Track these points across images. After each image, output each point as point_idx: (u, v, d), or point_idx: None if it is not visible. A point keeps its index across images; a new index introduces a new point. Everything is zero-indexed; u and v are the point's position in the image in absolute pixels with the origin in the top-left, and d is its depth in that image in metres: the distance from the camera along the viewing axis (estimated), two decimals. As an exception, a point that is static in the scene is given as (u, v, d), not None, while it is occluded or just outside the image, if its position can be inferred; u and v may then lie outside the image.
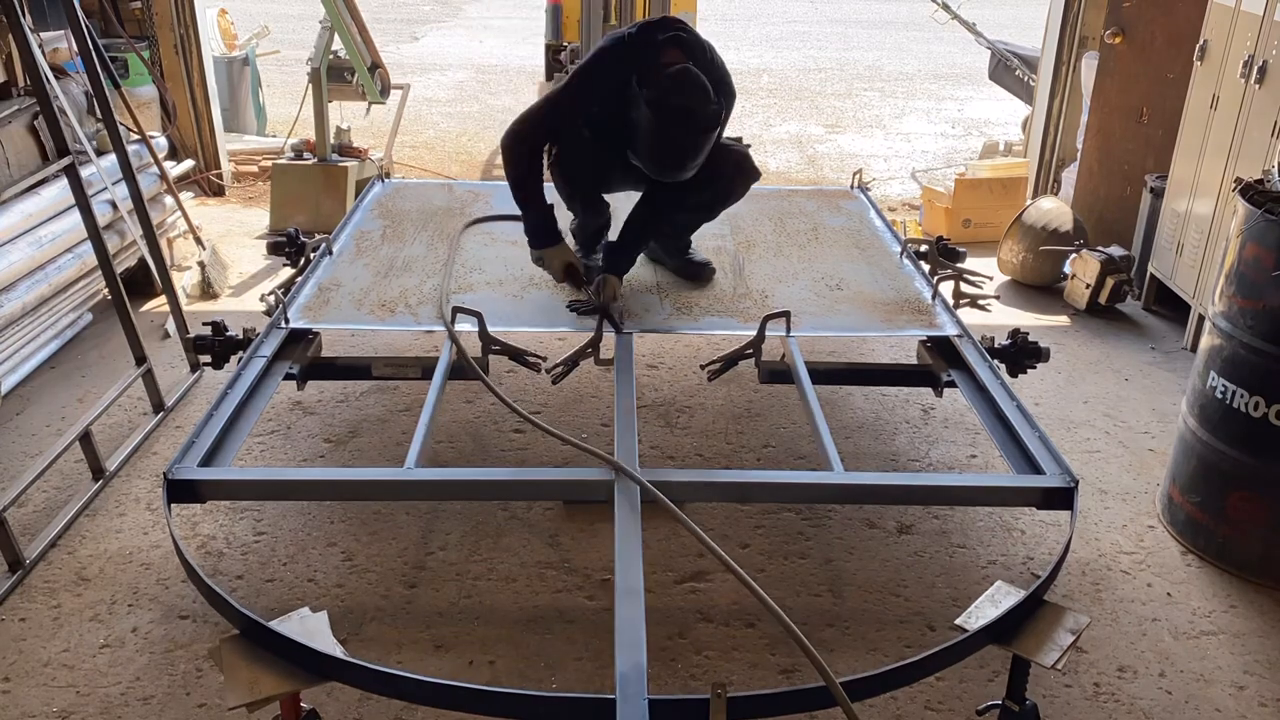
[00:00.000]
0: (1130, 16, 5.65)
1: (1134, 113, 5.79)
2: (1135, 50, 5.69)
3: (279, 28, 10.91)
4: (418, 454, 2.67)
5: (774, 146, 8.98)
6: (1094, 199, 5.93)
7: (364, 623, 2.89)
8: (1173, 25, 5.51)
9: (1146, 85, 5.70)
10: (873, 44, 15.06)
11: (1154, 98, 5.67)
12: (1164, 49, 5.57)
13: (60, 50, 4.86)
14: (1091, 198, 5.93)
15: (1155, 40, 5.62)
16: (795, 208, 4.42)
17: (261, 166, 7.13)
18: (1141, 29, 5.65)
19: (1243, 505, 3.17)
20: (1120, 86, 5.77)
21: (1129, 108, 5.79)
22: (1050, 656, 2.10)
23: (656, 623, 2.80)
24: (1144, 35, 5.65)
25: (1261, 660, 2.86)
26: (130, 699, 2.61)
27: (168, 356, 4.49)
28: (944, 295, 3.61)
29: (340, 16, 5.66)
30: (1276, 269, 2.97)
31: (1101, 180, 5.94)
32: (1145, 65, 5.68)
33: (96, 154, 4.58)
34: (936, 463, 3.83)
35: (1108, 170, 5.91)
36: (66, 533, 3.25)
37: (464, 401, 4.12)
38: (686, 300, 3.47)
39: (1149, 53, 5.65)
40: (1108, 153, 5.89)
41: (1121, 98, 5.78)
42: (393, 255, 3.77)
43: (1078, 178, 6.03)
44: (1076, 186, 6.02)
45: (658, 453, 3.81)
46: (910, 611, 3.01)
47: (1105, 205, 5.91)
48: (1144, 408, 4.30)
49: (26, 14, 3.76)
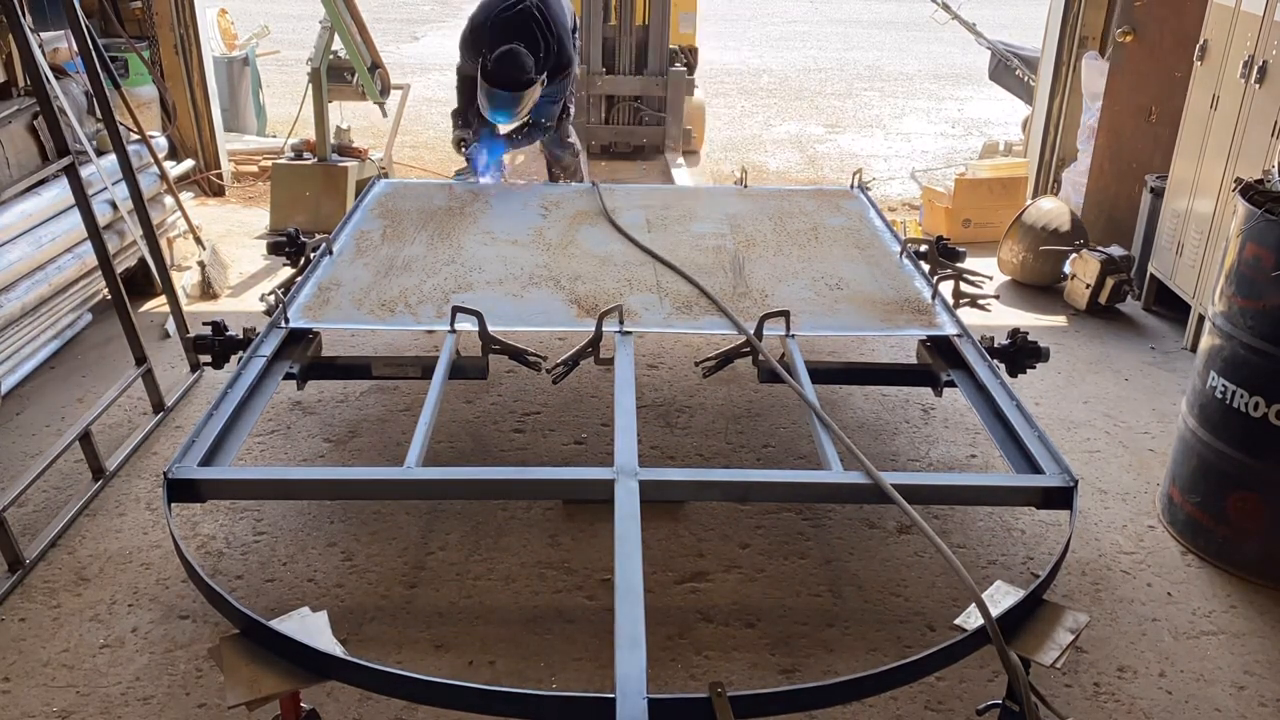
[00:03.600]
0: (1141, 16, 5.64)
1: (1143, 111, 5.78)
2: (1145, 49, 5.68)
3: (279, 28, 10.91)
4: (418, 454, 2.67)
5: (774, 146, 8.98)
6: (1104, 197, 5.91)
7: (364, 623, 2.89)
8: (1182, 25, 5.49)
9: (1155, 84, 5.68)
10: (873, 44, 15.07)
11: (1162, 97, 5.66)
12: (1173, 48, 5.55)
13: (60, 50, 4.86)
14: (1101, 196, 5.91)
15: (1164, 40, 5.61)
16: (795, 207, 4.42)
17: (261, 166, 7.13)
18: (1152, 28, 5.64)
19: (1243, 505, 3.17)
20: (1131, 85, 5.76)
21: (1139, 106, 5.78)
22: (1050, 655, 2.10)
23: (656, 623, 2.80)
24: (1154, 34, 5.64)
25: (1261, 660, 2.86)
26: (130, 699, 2.61)
27: (168, 356, 4.49)
28: (944, 295, 3.61)
29: (340, 16, 5.66)
30: (1276, 269, 2.97)
31: (1112, 179, 5.92)
32: (1154, 64, 5.66)
33: (96, 154, 4.58)
34: (936, 463, 3.83)
35: (1118, 169, 5.89)
36: (66, 532, 3.25)
37: (464, 401, 4.12)
38: (686, 300, 3.47)
39: (1158, 52, 5.64)
40: (1118, 151, 5.87)
41: (1132, 96, 5.77)
42: (393, 255, 3.77)
43: (1089, 177, 6.00)
44: (1087, 185, 5.99)
45: (658, 453, 3.81)
46: (910, 611, 3.00)
47: (1115, 204, 5.90)
48: (1144, 408, 4.30)
49: (26, 14, 3.76)
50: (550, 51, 4.59)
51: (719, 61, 12.37)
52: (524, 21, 4.54)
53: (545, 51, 4.55)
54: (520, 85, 4.41)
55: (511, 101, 4.44)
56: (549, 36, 4.58)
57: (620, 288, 3.54)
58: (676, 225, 4.17)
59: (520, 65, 4.38)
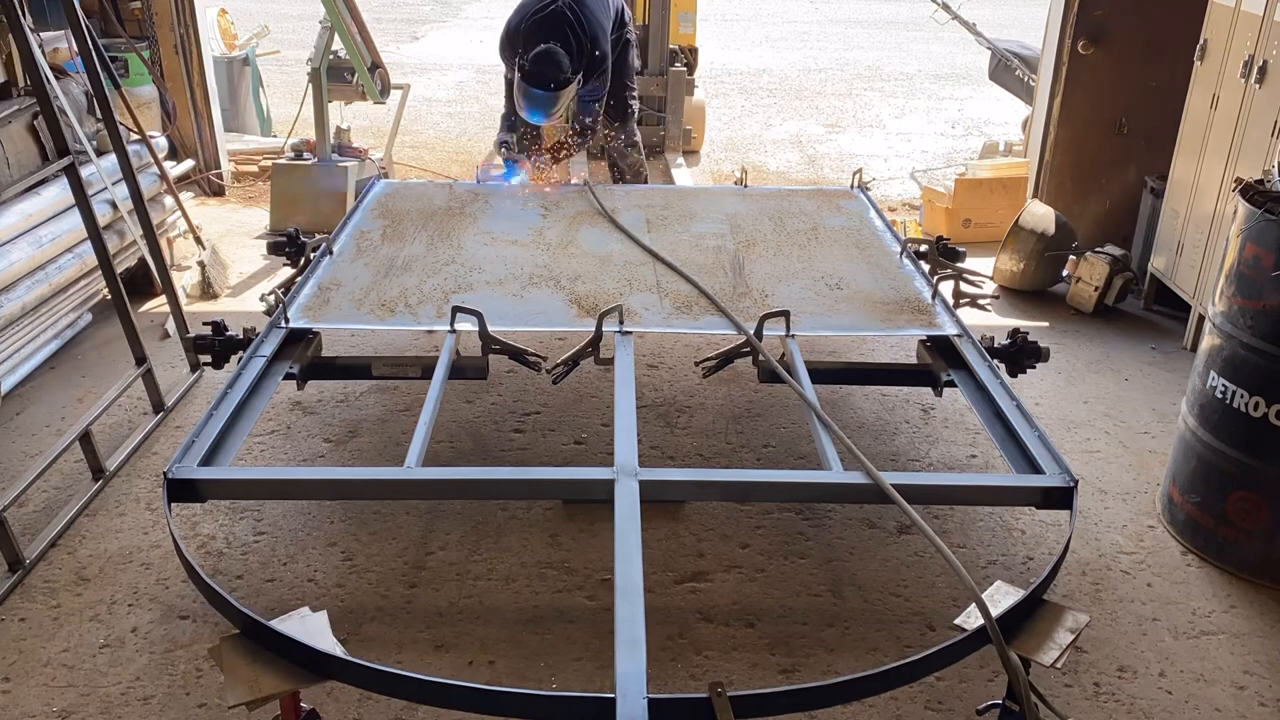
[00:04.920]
0: (1105, 25, 5.55)
1: (1111, 125, 5.73)
2: (1111, 59, 5.62)
3: (279, 28, 10.92)
4: (418, 454, 2.67)
5: (774, 146, 8.98)
6: (1068, 215, 5.69)
7: (364, 623, 2.89)
8: (1154, 31, 5.42)
9: (1126, 95, 5.62)
10: (873, 44, 15.06)
11: (1135, 107, 5.62)
12: (1144, 56, 5.49)
13: (60, 50, 4.86)
14: (1066, 214, 5.68)
15: (1133, 48, 5.54)
16: (795, 207, 4.42)
17: (261, 166, 7.13)
18: (1118, 37, 5.57)
19: (1243, 505, 3.17)
20: (1091, 98, 5.71)
21: (1106, 120, 5.73)
22: (1050, 656, 2.10)
23: (656, 623, 2.80)
24: (1121, 44, 5.57)
25: (1261, 660, 2.86)
26: (130, 699, 2.61)
27: (168, 356, 4.49)
28: (944, 295, 3.61)
29: (340, 16, 5.66)
30: (1276, 269, 2.97)
31: (1075, 197, 5.90)
32: (1122, 74, 5.60)
33: (96, 154, 4.58)
34: (936, 463, 3.83)
35: (1082, 186, 5.87)
36: (66, 532, 3.25)
37: (464, 401, 4.12)
38: (686, 300, 3.47)
39: (1127, 61, 5.58)
40: (1080, 167, 5.83)
41: (1094, 110, 5.71)
42: (393, 255, 3.77)
43: (1046, 193, 5.95)
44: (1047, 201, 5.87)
45: (658, 453, 3.81)
46: (910, 611, 3.01)
47: (1080, 220, 5.81)
48: (1144, 408, 4.30)
49: (26, 14, 3.76)
50: (585, 51, 4.67)
51: (719, 61, 12.36)
52: (556, 23, 4.62)
53: (579, 51, 4.64)
54: (556, 85, 4.50)
55: (547, 101, 4.52)
56: (582, 36, 4.65)
57: (620, 288, 3.54)
58: (676, 225, 4.17)
59: (555, 64, 4.47)
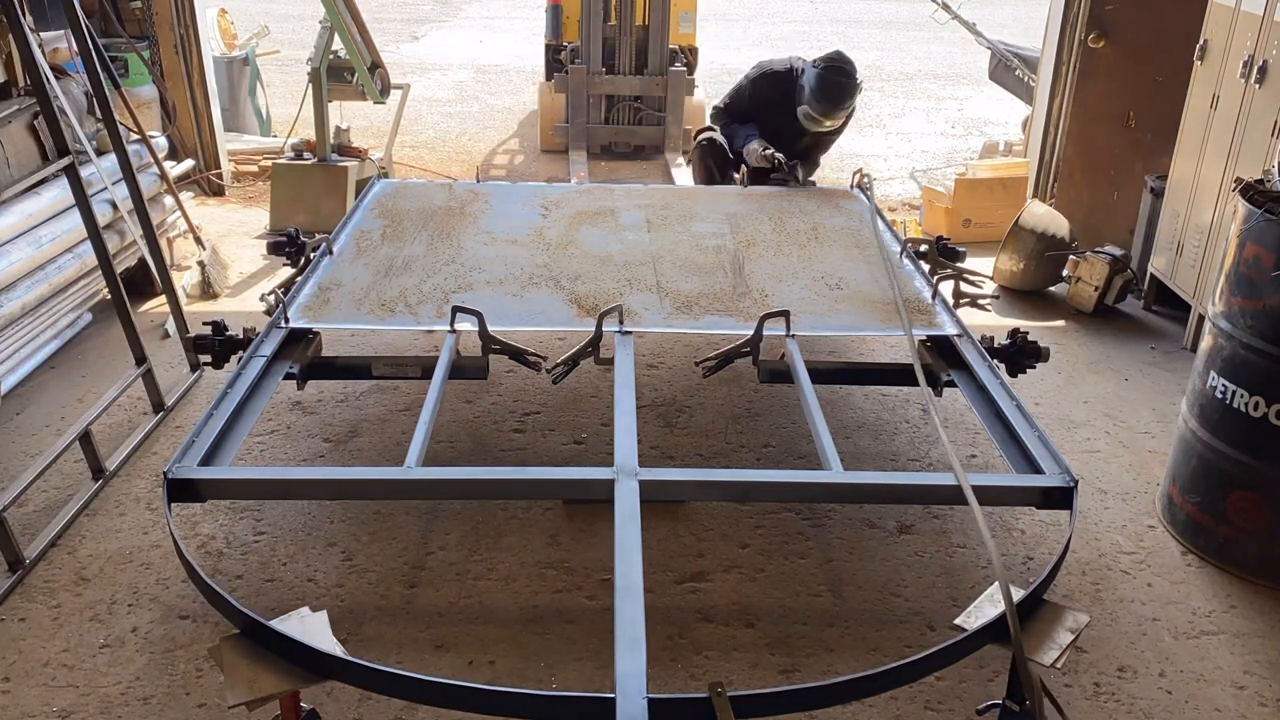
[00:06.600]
0: (1115, 20, 5.61)
1: (1119, 118, 5.77)
2: (1120, 53, 5.66)
3: (279, 28, 10.91)
4: (418, 454, 2.67)
5: (774, 146, 8.97)
6: (1077, 206, 5.89)
7: (364, 623, 2.89)
8: (1162, 26, 5.47)
9: (1134, 89, 5.66)
10: (873, 44, 15.05)
11: (1142, 101, 5.64)
12: (1151, 51, 5.53)
13: (60, 50, 4.86)
14: (1075, 205, 5.88)
15: (1141, 43, 5.58)
16: (795, 207, 4.42)
17: (261, 166, 7.13)
18: (1127, 32, 5.61)
19: (1243, 505, 3.17)
20: (1104, 91, 5.74)
21: (1115, 113, 5.76)
22: (1050, 655, 2.10)
23: (656, 623, 2.79)
24: (1129, 38, 5.61)
25: (1261, 660, 2.86)
26: (130, 699, 2.61)
27: (168, 356, 4.49)
28: (944, 295, 3.61)
29: (340, 16, 5.66)
30: (1276, 269, 2.97)
31: (1085, 187, 5.93)
32: (1131, 69, 5.64)
33: (96, 154, 4.57)
34: (936, 463, 3.83)
35: (1092, 177, 5.89)
36: (66, 532, 3.25)
37: (464, 401, 4.12)
38: (686, 300, 3.47)
39: (1135, 56, 5.61)
40: (1091, 159, 5.86)
41: (1105, 103, 5.75)
42: (393, 255, 3.77)
43: (1059, 184, 6.01)
44: (1059, 193, 5.99)
45: (658, 453, 3.81)
46: (910, 611, 3.01)
47: (1090, 212, 5.89)
48: (1144, 408, 4.30)
49: (26, 14, 3.76)
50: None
51: (719, 61, 12.36)
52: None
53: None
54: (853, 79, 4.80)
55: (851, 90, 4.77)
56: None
57: (620, 287, 3.54)
58: (677, 225, 4.17)
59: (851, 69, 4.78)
